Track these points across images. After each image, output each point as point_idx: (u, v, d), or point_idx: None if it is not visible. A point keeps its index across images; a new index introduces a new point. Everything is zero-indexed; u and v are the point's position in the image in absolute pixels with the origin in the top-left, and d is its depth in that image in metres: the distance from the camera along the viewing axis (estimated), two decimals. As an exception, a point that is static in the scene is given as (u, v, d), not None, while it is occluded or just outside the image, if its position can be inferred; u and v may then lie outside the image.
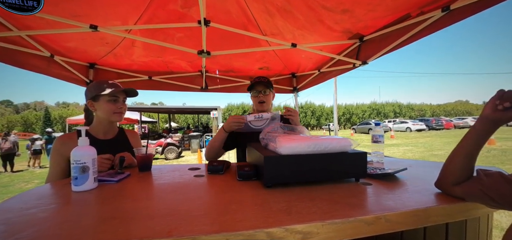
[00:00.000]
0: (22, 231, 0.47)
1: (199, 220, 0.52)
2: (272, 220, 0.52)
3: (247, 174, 0.84)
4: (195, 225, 0.49)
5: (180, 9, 1.90)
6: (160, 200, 0.66)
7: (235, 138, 1.48)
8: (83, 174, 0.71)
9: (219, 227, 0.48)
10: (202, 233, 0.46)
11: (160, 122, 22.23)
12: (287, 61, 3.01)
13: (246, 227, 0.48)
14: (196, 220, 0.52)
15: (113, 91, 1.16)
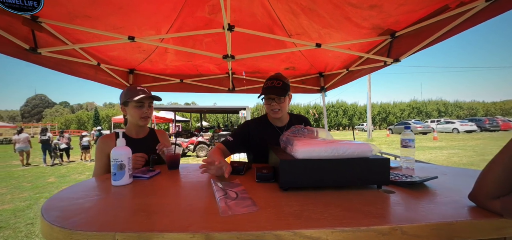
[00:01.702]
0: (72, 217, 0.57)
1: (214, 218, 0.56)
2: (282, 223, 0.54)
3: (265, 176, 0.87)
4: (210, 223, 0.54)
5: (208, 16, 2.00)
6: (182, 197, 0.73)
7: (246, 140, 1.45)
8: (120, 171, 0.81)
9: (232, 226, 0.52)
10: (216, 231, 0.50)
11: (192, 121, 23.38)
12: (314, 60, 2.95)
13: (257, 228, 0.51)
14: (211, 218, 0.56)
15: (139, 98, 1.27)
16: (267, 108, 1.41)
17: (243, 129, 1.49)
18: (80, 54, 2.17)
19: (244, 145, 1.44)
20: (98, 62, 2.39)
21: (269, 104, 1.36)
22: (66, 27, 1.75)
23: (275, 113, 1.37)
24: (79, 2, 1.59)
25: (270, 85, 1.34)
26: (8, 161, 10.27)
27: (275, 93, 1.33)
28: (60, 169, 8.15)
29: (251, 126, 1.49)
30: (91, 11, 1.69)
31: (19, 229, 3.36)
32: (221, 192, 0.70)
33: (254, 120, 1.54)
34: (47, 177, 6.85)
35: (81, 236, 0.49)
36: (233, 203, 0.63)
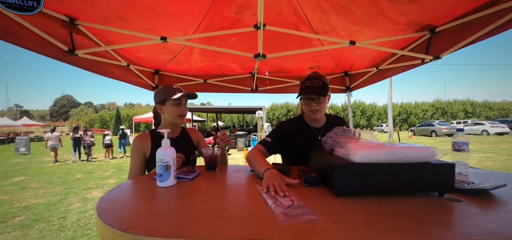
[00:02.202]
0: (130, 222, 0.55)
1: (275, 226, 0.52)
2: (356, 234, 0.49)
3: (313, 180, 0.82)
4: (273, 231, 0.50)
5: (234, 15, 1.98)
6: (233, 202, 0.70)
7: (283, 141, 1.39)
8: (166, 172, 0.80)
9: (301, 236, 0.48)
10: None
11: (208, 121, 23.73)
12: (340, 59, 2.85)
13: (331, 238, 0.47)
14: (271, 226, 0.52)
15: (178, 96, 1.28)
16: (306, 109, 1.34)
17: (280, 130, 1.43)
18: (111, 55, 2.23)
19: (281, 146, 1.39)
20: (127, 63, 2.46)
21: (308, 104, 1.30)
22: (101, 28, 1.80)
23: (314, 113, 1.30)
24: (113, 4, 1.63)
25: (309, 85, 1.28)
26: (40, 158, 10.97)
27: (315, 93, 1.26)
28: (86, 166, 8.57)
29: (287, 126, 1.44)
30: (124, 13, 1.72)
31: (52, 223, 3.54)
32: (272, 199, 0.66)
33: (289, 121, 1.48)
34: (75, 173, 7.22)
35: (142, 241, 0.47)
36: (291, 211, 0.58)
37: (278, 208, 0.60)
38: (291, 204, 0.63)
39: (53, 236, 3.11)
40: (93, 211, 3.99)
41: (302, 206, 0.63)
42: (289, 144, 1.37)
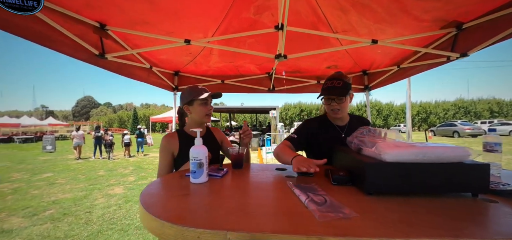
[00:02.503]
0: (176, 214, 0.59)
1: (312, 222, 0.54)
2: (397, 231, 0.50)
3: (342, 179, 0.83)
4: (312, 226, 0.52)
5: (253, 16, 2.01)
6: (267, 198, 0.73)
7: (308, 138, 1.42)
8: (199, 169, 0.84)
9: (339, 231, 0.50)
10: (327, 235, 0.48)
11: (222, 121, 24.02)
12: (359, 58, 2.81)
13: (373, 234, 0.48)
14: (308, 222, 0.54)
15: (206, 96, 1.33)
16: (327, 108, 1.39)
17: (305, 127, 1.48)
18: (136, 58, 2.34)
19: (307, 142, 1.43)
20: (150, 65, 2.56)
21: (329, 104, 1.35)
22: (128, 33, 1.90)
23: (335, 113, 1.35)
24: (140, 10, 1.71)
25: (330, 85, 1.33)
26: (65, 155, 11.61)
27: (335, 94, 1.31)
28: (107, 163, 8.97)
29: (311, 124, 1.47)
30: (149, 18, 1.80)
31: (80, 216, 3.76)
32: (304, 195, 0.68)
33: (313, 119, 1.51)
34: (98, 170, 7.58)
35: (193, 233, 0.51)
36: (325, 208, 0.60)
37: (312, 204, 0.62)
38: (324, 202, 0.64)
39: (80, 229, 3.30)
40: (117, 206, 4.18)
41: (336, 203, 0.64)
42: (312, 142, 1.40)
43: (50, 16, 1.42)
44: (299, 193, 0.71)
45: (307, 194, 0.69)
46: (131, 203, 4.33)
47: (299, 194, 0.70)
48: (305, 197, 0.66)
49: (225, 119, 27.75)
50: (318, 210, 0.59)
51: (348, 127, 1.39)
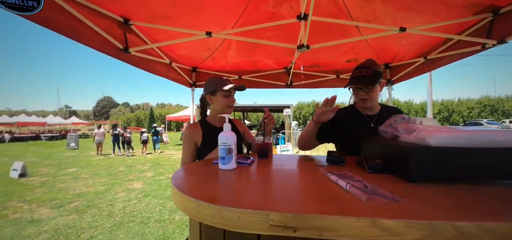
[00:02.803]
0: (212, 195, 0.58)
1: (359, 205, 0.50)
2: (450, 214, 0.45)
3: (378, 166, 0.78)
4: (353, 208, 0.48)
5: (271, 9, 1.97)
6: (299, 183, 0.69)
7: (334, 127, 1.37)
8: (228, 155, 0.82)
9: (394, 214, 0.46)
10: (377, 216, 0.44)
11: (235, 119, 24.12)
12: (381, 50, 2.70)
13: (426, 216, 0.44)
14: (355, 205, 0.51)
15: (229, 87, 1.31)
16: (356, 98, 1.35)
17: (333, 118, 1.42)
18: (156, 53, 2.38)
19: (332, 132, 1.38)
20: (170, 60, 2.60)
21: (357, 93, 1.30)
22: (149, 27, 1.93)
23: (363, 102, 1.30)
24: (161, 4, 1.73)
25: (358, 75, 1.28)
26: (87, 152, 12.17)
27: (362, 83, 1.26)
28: (126, 160, 9.29)
29: (338, 113, 1.41)
30: (170, 12, 1.82)
31: (102, 209, 3.90)
32: (343, 180, 0.64)
33: (340, 108, 1.46)
34: (117, 166, 7.87)
35: (233, 213, 0.49)
36: (371, 192, 0.56)
37: (354, 189, 0.58)
38: (365, 187, 0.60)
39: (103, 220, 3.43)
40: (136, 200, 4.31)
41: (379, 189, 0.60)
42: (340, 131, 1.36)
43: (79, 10, 1.46)
44: (336, 178, 0.67)
45: (345, 179, 0.65)
46: (150, 197, 4.45)
47: (337, 179, 0.66)
48: (345, 182, 0.62)
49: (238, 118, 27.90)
50: (363, 193, 0.55)
51: (378, 117, 1.32)
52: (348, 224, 0.45)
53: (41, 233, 3.08)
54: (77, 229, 3.15)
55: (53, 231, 3.13)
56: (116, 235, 2.94)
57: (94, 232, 3.06)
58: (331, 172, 0.74)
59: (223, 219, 0.50)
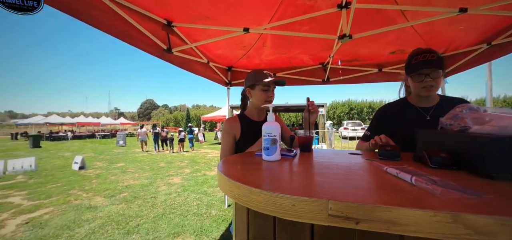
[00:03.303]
0: (254, 180, 0.56)
1: (428, 196, 0.44)
2: None
3: (444, 161, 0.69)
4: (429, 201, 0.42)
5: (308, 2, 1.90)
6: (349, 175, 0.64)
7: (387, 128, 1.22)
8: (273, 145, 0.80)
9: (480, 209, 0.39)
10: (460, 211, 0.38)
11: (267, 119, 24.20)
12: (432, 38, 2.42)
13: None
14: (425, 196, 0.44)
15: (268, 81, 1.29)
16: (417, 87, 1.16)
17: (380, 117, 1.32)
18: (195, 53, 2.49)
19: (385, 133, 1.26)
20: (208, 60, 2.70)
21: (421, 80, 1.12)
22: (190, 27, 2.02)
23: (428, 90, 1.13)
24: (201, 5, 1.79)
25: (421, 59, 1.11)
26: (133, 149, 13.37)
27: (431, 66, 1.09)
28: (166, 156, 9.97)
29: (387, 110, 1.30)
30: (209, 12, 1.88)
31: (147, 200, 4.23)
32: (407, 174, 0.57)
33: (389, 104, 1.34)
34: (159, 162, 8.48)
35: (287, 200, 0.47)
36: (444, 186, 0.49)
37: (422, 182, 0.51)
38: (434, 181, 0.53)
39: (148, 211, 3.71)
40: (176, 194, 4.58)
41: (452, 183, 0.52)
42: (395, 129, 1.21)
43: (129, 14, 1.59)
44: (397, 171, 0.60)
45: (408, 173, 0.58)
46: (188, 192, 4.69)
47: (398, 172, 0.60)
48: (410, 175, 0.55)
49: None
50: (436, 187, 0.48)
51: (435, 108, 1.17)
52: (423, 219, 0.39)
53: (96, 218, 3.46)
54: (126, 217, 3.47)
55: (107, 217, 3.49)
56: (159, 225, 3.16)
57: (140, 221, 3.33)
58: (389, 167, 0.67)
59: (276, 206, 0.48)
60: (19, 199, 4.47)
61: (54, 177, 6.33)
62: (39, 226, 3.24)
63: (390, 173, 0.63)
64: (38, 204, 4.16)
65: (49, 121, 27.01)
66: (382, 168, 0.67)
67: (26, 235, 3.00)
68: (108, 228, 3.11)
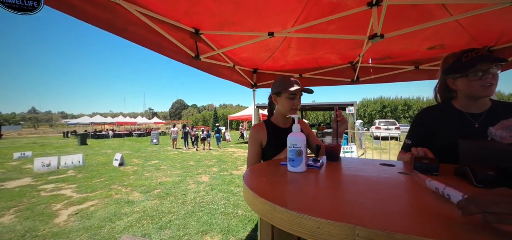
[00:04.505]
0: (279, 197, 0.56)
1: (463, 230, 0.40)
2: None
3: (491, 179, 0.61)
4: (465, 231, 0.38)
5: (334, 0, 1.83)
6: (380, 192, 0.61)
7: (428, 136, 1.14)
8: (298, 157, 0.80)
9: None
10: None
11: (293, 118, 23.88)
12: (479, 30, 2.17)
13: None
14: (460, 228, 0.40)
15: (295, 89, 1.27)
16: (473, 86, 1.02)
17: (420, 122, 1.20)
18: (222, 58, 2.55)
19: (427, 143, 1.13)
20: (233, 64, 2.75)
21: (479, 78, 0.99)
22: (216, 34, 2.08)
23: (488, 89, 0.99)
24: (226, 11, 1.82)
25: (475, 56, 0.99)
26: (165, 147, 14.20)
27: (490, 61, 0.96)
28: (196, 155, 10.41)
29: (429, 114, 1.18)
30: (234, 18, 1.91)
31: (178, 197, 4.47)
32: (458, 191, 0.51)
33: (431, 107, 1.21)
34: (189, 160, 8.89)
35: (312, 222, 0.46)
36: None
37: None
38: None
39: (179, 207, 3.92)
40: (204, 192, 4.76)
41: None
42: (437, 138, 1.10)
43: (161, 26, 1.69)
44: (443, 187, 0.55)
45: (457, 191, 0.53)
46: (215, 191, 4.84)
47: (444, 187, 0.54)
48: (461, 194, 0.50)
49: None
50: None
51: (486, 115, 1.03)
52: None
53: (134, 212, 3.75)
54: (159, 213, 3.70)
55: (142, 212, 3.77)
56: (189, 222, 3.32)
57: (172, 216, 3.53)
58: (435, 182, 0.61)
59: (301, 227, 0.48)
60: (70, 192, 5.04)
61: (98, 172, 7.00)
62: (86, 217, 3.62)
63: (431, 187, 0.58)
64: (85, 197, 4.64)
65: (93, 121, 30.02)
66: (422, 182, 0.62)
67: (76, 224, 3.37)
68: (144, 222, 3.36)
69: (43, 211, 3.92)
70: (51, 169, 7.32)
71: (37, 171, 7.18)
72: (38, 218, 3.64)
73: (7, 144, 18.74)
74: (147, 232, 3.04)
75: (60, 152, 11.99)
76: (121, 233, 3.04)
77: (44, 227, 3.31)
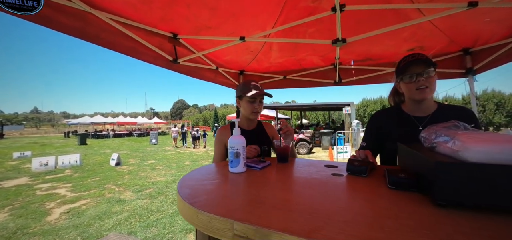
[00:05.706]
0: (198, 196, 0.61)
1: (344, 228, 0.44)
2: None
3: (402, 182, 0.65)
4: (340, 233, 0.42)
5: (311, 4, 1.87)
6: (297, 194, 0.65)
7: (381, 138, 1.18)
8: (236, 158, 0.84)
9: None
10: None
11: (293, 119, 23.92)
12: (456, 32, 2.20)
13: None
14: (340, 227, 0.44)
15: (253, 94, 1.32)
16: (409, 90, 1.07)
17: (373, 125, 1.25)
18: (203, 60, 2.60)
19: (381, 145, 1.19)
20: (216, 66, 2.80)
21: (413, 82, 1.04)
22: (194, 39, 2.13)
23: (421, 93, 1.03)
24: (202, 17, 1.87)
25: (410, 60, 1.04)
26: (164, 147, 14.30)
27: (421, 64, 1.01)
28: (192, 155, 10.49)
29: (379, 117, 1.24)
30: (211, 22, 1.96)
31: (169, 197, 4.53)
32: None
33: (381, 111, 1.27)
34: (185, 160, 8.96)
35: (205, 217, 0.51)
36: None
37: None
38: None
39: (168, 206, 3.98)
40: (195, 192, 4.83)
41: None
42: (387, 140, 1.15)
43: (136, 32, 1.74)
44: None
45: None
46: (207, 190, 4.91)
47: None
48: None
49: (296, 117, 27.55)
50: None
51: (431, 118, 1.07)
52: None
53: (124, 211, 3.82)
54: (148, 211, 3.77)
55: (132, 210, 3.83)
56: (175, 221, 3.38)
57: (160, 215, 3.59)
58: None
59: (199, 221, 0.53)
60: (64, 191, 5.12)
61: (95, 172, 7.09)
62: (77, 215, 3.69)
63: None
64: (78, 196, 4.71)
65: (94, 121, 30.27)
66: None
67: (66, 222, 3.44)
68: (132, 221, 3.42)
69: (36, 210, 4.00)
70: (48, 169, 7.42)
71: (35, 170, 7.28)
72: (30, 216, 3.71)
73: (8, 144, 18.96)
74: (134, 230, 3.10)
75: (59, 152, 12.12)
76: (109, 231, 3.10)
77: (36, 225, 3.38)
